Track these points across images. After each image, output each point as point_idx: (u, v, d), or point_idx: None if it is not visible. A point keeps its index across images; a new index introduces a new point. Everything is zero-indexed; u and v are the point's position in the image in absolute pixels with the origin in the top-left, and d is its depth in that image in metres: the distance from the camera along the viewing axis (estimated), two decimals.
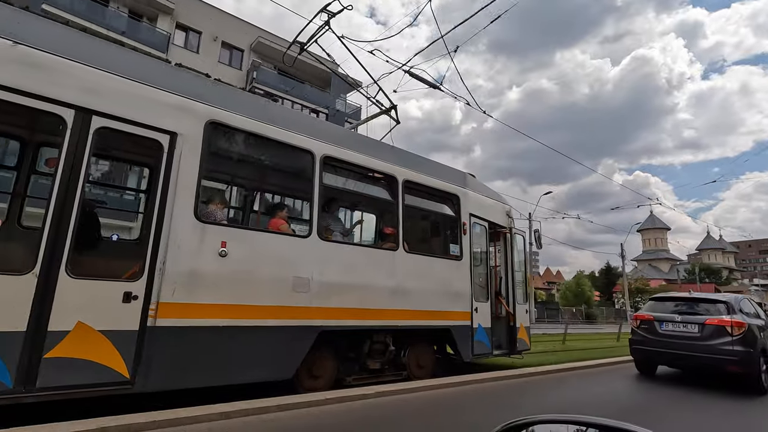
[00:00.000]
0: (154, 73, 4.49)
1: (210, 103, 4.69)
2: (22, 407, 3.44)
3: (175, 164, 4.31)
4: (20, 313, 3.37)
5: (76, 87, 3.83)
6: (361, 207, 6.66)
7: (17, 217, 4.61)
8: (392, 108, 8.08)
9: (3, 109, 3.59)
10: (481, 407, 5.30)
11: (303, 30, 7.41)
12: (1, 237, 4.26)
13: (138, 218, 4.59)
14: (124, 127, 4.07)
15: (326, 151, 5.59)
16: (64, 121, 3.76)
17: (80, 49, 4.04)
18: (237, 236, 4.68)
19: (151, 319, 3.94)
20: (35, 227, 3.62)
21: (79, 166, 3.78)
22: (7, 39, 3.60)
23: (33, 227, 3.66)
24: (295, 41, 7.57)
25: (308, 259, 5.18)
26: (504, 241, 8.64)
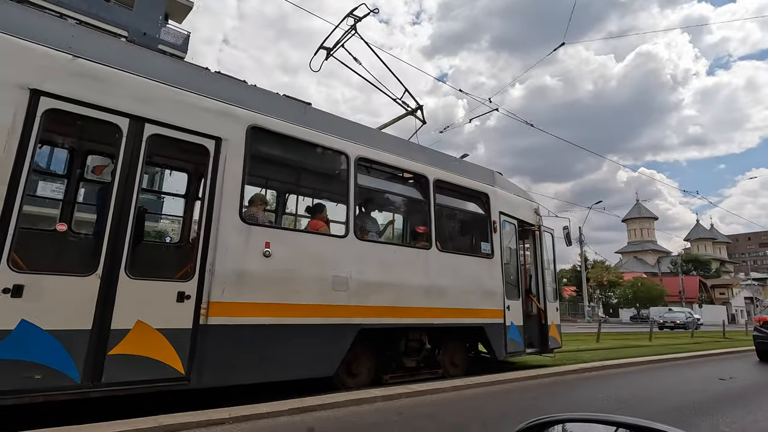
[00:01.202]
0: (198, 80, 4.65)
1: (251, 109, 4.84)
2: (88, 402, 3.62)
3: (221, 168, 4.46)
4: (86, 313, 3.55)
5: (129, 96, 4.02)
6: (394, 207, 6.75)
7: (80, 223, 4.84)
8: (418, 108, 8.15)
9: (66, 120, 3.79)
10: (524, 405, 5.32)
11: (330, 35, 7.56)
12: (66, 242, 4.49)
13: (188, 221, 4.78)
14: (173, 133, 4.25)
15: (360, 152, 5.69)
16: (120, 129, 3.95)
17: (131, 59, 4.23)
18: (279, 237, 4.81)
19: (203, 318, 4.09)
20: (97, 231, 3.80)
21: (135, 172, 3.96)
22: (67, 53, 3.80)
23: (95, 232, 3.84)
24: (322, 46, 7.72)
25: (346, 259, 5.28)
26: (533, 238, 8.60)
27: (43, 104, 3.59)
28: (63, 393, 3.40)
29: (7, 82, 3.45)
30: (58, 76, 3.70)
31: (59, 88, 3.68)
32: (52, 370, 3.36)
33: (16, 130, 3.45)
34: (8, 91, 3.45)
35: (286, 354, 4.61)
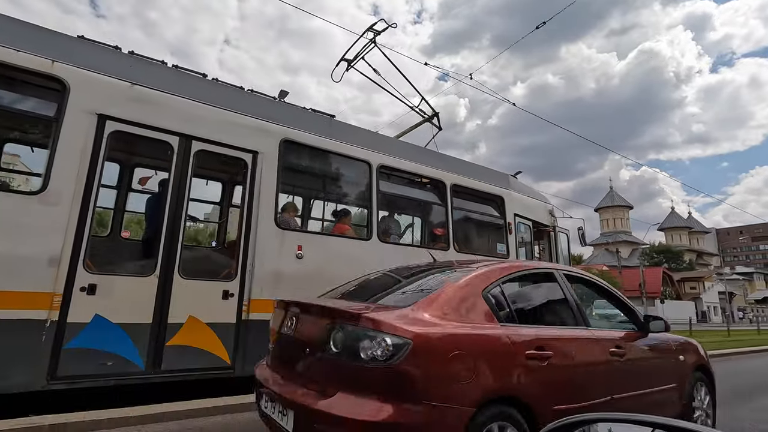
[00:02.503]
0: (236, 99, 5.15)
1: (282, 123, 5.32)
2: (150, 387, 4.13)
3: (257, 179, 4.95)
4: (147, 308, 4.07)
5: (178, 117, 4.54)
6: (414, 210, 7.14)
7: (139, 230, 5.42)
8: (434, 116, 8.54)
9: (126, 140, 4.33)
10: None
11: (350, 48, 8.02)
12: (129, 247, 5.04)
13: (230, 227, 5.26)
14: (216, 148, 4.75)
15: (381, 160, 6.11)
16: (171, 146, 4.47)
17: (178, 84, 4.75)
18: (310, 240, 5.28)
19: (244, 313, 4.57)
20: (154, 238, 4.32)
21: (184, 184, 4.48)
22: (127, 81, 4.34)
23: (153, 238, 4.36)
24: (343, 59, 8.19)
25: (370, 260, 5.69)
26: (548, 239, 8.87)
27: (108, 127, 4.13)
28: (130, 378, 3.91)
29: (80, 109, 4.00)
30: (120, 102, 4.24)
31: (121, 112, 4.21)
32: (121, 358, 3.88)
33: (87, 150, 3.99)
34: (81, 116, 3.99)
35: None
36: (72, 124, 3.94)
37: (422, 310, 2.44)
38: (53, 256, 3.67)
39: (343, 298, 3.20)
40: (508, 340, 2.57)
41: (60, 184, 3.80)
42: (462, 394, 2.26)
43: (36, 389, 3.52)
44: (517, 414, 2.42)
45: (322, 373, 2.42)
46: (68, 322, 3.68)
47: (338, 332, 2.37)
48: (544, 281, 3.39)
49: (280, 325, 2.98)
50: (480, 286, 2.76)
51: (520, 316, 2.90)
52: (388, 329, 2.21)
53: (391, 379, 2.16)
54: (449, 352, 2.30)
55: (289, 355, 2.79)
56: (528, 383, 2.53)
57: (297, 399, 2.39)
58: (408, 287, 3.11)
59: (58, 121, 3.90)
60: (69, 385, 3.66)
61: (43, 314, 3.58)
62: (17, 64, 3.81)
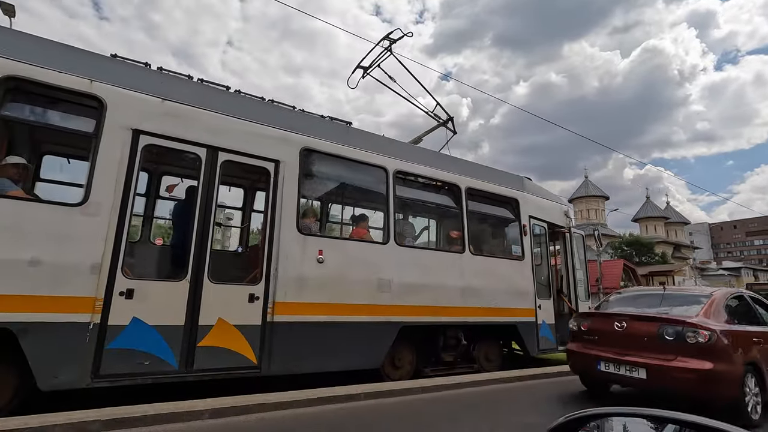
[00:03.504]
0: (259, 111, 5.39)
1: (302, 133, 5.54)
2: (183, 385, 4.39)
3: (280, 186, 5.18)
4: (179, 311, 4.32)
5: (206, 130, 4.79)
6: (429, 214, 7.30)
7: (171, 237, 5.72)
8: (449, 120, 8.68)
9: (159, 152, 4.60)
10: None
11: (366, 55, 8.22)
12: (162, 253, 5.34)
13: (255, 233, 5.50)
14: (240, 159, 5.00)
15: (397, 166, 6.29)
16: (200, 157, 4.73)
17: (205, 98, 5.01)
18: (330, 245, 5.49)
19: (269, 316, 4.80)
20: (185, 244, 4.58)
21: (212, 193, 4.73)
22: (158, 97, 4.61)
23: (184, 244, 4.62)
24: (359, 66, 8.39)
25: (388, 263, 5.89)
26: (563, 240, 8.93)
27: (142, 141, 4.41)
28: (166, 376, 4.17)
29: (116, 125, 4.28)
30: (152, 117, 4.51)
31: (153, 126, 4.48)
32: (157, 358, 4.14)
33: (123, 163, 4.26)
34: (117, 132, 4.27)
35: (339, 347, 5.26)
36: (109, 139, 4.22)
37: (703, 316, 4.70)
38: (95, 263, 3.95)
39: (631, 307, 5.47)
40: (745, 332, 4.90)
41: (99, 196, 4.08)
42: (738, 358, 4.50)
43: (82, 386, 3.79)
44: (753, 370, 4.66)
45: (663, 349, 4.58)
46: (109, 324, 3.96)
47: (667, 329, 4.61)
48: (739, 299, 5.47)
49: (591, 324, 5.49)
50: (722, 301, 5.05)
51: (738, 319, 5.08)
52: (703, 327, 4.46)
53: (708, 350, 4.38)
54: (730, 338, 4.54)
55: (624, 341, 4.92)
56: (756, 354, 4.78)
57: (648, 361, 4.62)
58: (676, 303, 5.18)
59: (97, 137, 4.18)
60: (111, 383, 3.93)
61: (87, 317, 3.86)
62: (60, 85, 4.10)
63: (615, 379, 5.01)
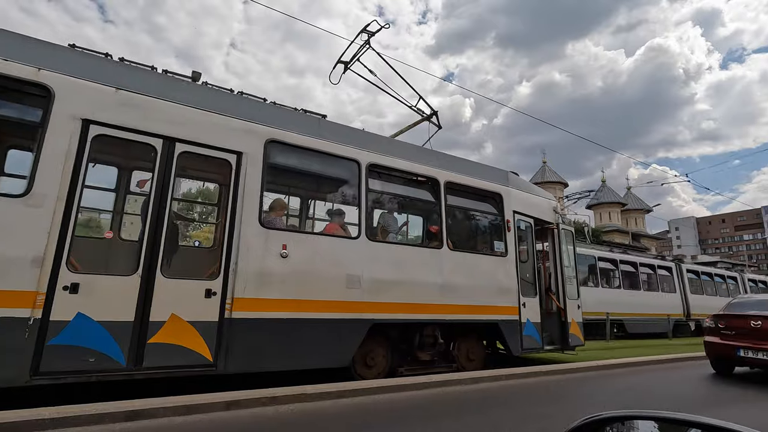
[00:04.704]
0: (222, 102, 5.24)
1: (269, 124, 5.38)
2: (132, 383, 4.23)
3: (242, 179, 5.02)
4: (129, 307, 4.17)
5: (163, 120, 4.65)
6: (406, 209, 7.10)
7: (123, 230, 5.60)
8: (433, 114, 8.47)
9: (111, 143, 4.46)
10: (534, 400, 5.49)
11: (346, 50, 8.05)
12: (112, 247, 5.21)
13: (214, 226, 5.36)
14: (200, 150, 4.85)
15: (371, 159, 6.10)
16: (155, 148, 4.58)
17: (165, 88, 4.87)
18: (295, 239, 5.31)
19: (227, 312, 4.63)
20: (137, 238, 4.44)
21: (168, 185, 4.58)
22: (112, 86, 4.47)
23: (135, 238, 4.48)
24: (339, 61, 8.23)
25: (359, 258, 5.70)
26: (552, 236, 8.66)
27: (92, 131, 4.27)
28: (112, 374, 4.02)
29: (64, 114, 4.14)
30: (104, 107, 4.37)
31: (105, 116, 4.35)
32: (103, 355, 3.98)
33: (71, 154, 4.12)
34: (65, 121, 4.14)
35: (303, 345, 5.08)
36: (56, 129, 4.09)
37: None
38: (36, 256, 3.81)
39: (754, 310, 7.19)
40: None
41: (44, 187, 3.94)
42: None
43: (20, 384, 3.65)
44: None
45: None
46: (51, 320, 3.81)
47: None
48: None
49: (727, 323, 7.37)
50: None
51: None
52: None
53: None
54: None
55: (760, 334, 6.71)
56: None
57: None
58: None
59: (43, 126, 4.05)
60: (52, 380, 3.78)
61: (27, 312, 3.72)
62: (5, 73, 3.98)
63: (752, 363, 6.87)
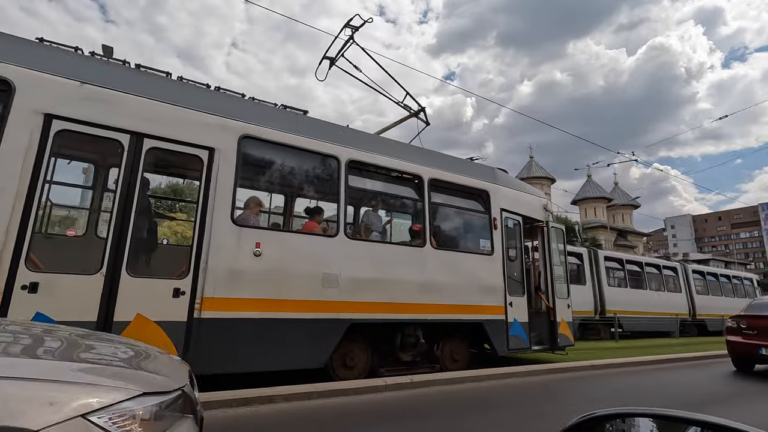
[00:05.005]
0: (195, 97, 5.12)
1: (243, 120, 5.25)
2: None
3: (214, 175, 4.89)
4: (92, 306, 4.06)
5: (130, 115, 4.53)
6: (389, 206, 6.97)
7: (86, 227, 5.49)
8: (421, 110, 8.33)
9: (75, 138, 4.35)
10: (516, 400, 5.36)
11: (331, 45, 7.92)
12: (74, 245, 5.10)
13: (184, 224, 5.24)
14: (169, 146, 4.73)
15: (351, 155, 5.97)
16: (122, 144, 4.47)
17: (134, 82, 4.75)
18: (270, 238, 5.19)
19: (197, 312, 4.52)
20: (101, 236, 4.33)
21: (135, 181, 4.46)
22: (77, 80, 4.36)
23: (99, 236, 4.37)
24: (325, 57, 8.10)
25: (337, 257, 5.57)
26: (541, 235, 8.52)
27: (55, 126, 4.16)
28: None
29: (25, 108, 4.03)
30: (69, 101, 4.25)
31: (69, 111, 4.23)
32: None
33: (32, 149, 4.01)
34: (26, 115, 4.02)
35: (277, 345, 4.96)
36: (16, 123, 3.97)
37: None
38: None
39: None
40: None
41: (2, 182, 3.83)
42: None
43: None
44: None
45: None
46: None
47: None
48: None
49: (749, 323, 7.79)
50: None
51: None
52: None
53: None
54: None
55: None
56: None
57: None
58: None
59: (2, 121, 3.94)
60: None
61: None
62: None
63: None
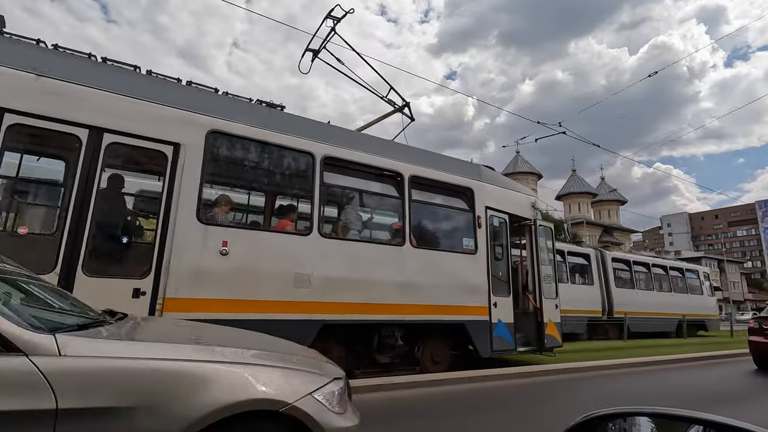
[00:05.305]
0: (161, 91, 4.96)
1: (212, 114, 5.09)
2: None
3: (179, 172, 4.73)
4: None
5: (89, 109, 4.37)
6: (365, 204, 6.80)
7: (40, 225, 5.35)
8: (405, 106, 8.14)
9: (29, 132, 4.20)
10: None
11: (313, 37, 7.73)
12: (28, 242, 4.97)
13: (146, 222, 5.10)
14: (131, 141, 4.57)
15: (327, 151, 5.80)
16: (80, 139, 4.31)
17: (95, 75, 4.59)
18: (238, 236, 5.02)
19: (158, 313, 4.37)
20: (57, 233, 4.18)
21: (93, 178, 4.31)
22: (32, 73, 4.20)
23: (55, 233, 4.23)
24: (308, 49, 7.91)
25: (310, 256, 5.41)
26: (529, 233, 8.32)
27: (7, 120, 4.00)
28: None
29: None
30: (23, 94, 4.10)
31: (22, 104, 4.08)
32: None
33: None
34: None
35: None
36: None
37: None
38: None
39: None
40: None
41: None
42: None
43: None
44: None
45: None
46: None
47: None
48: None
49: None
50: None
51: None
52: None
53: None
54: None
55: None
56: None
57: None
58: None
59: None
60: None
61: None
62: None
63: None
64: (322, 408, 2.01)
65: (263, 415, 1.90)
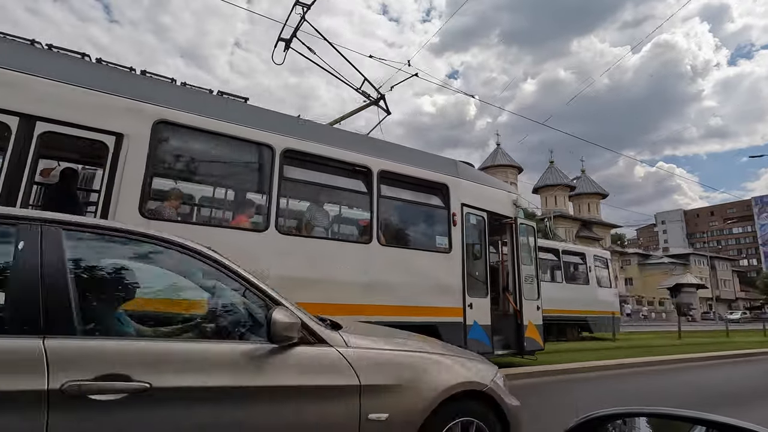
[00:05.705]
0: (104, 79, 4.69)
1: (159, 104, 4.81)
2: None
3: (121, 164, 4.46)
4: None
5: (20, 96, 4.10)
6: (328, 199, 6.52)
7: None
8: (381, 98, 7.86)
9: None
10: None
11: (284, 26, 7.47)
12: None
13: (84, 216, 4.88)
14: (67, 130, 4.29)
15: (288, 144, 5.51)
16: (9, 127, 4.04)
17: (30, 62, 4.32)
18: (185, 232, 4.69)
19: None
20: None
21: (23, 168, 4.04)
22: None
23: None
24: (280, 38, 7.65)
25: (265, 254, 5.13)
26: (510, 232, 8.02)
27: None
28: None
29: None
30: None
31: None
32: None
33: None
34: None
35: None
36: None
37: None
38: None
39: None
40: None
41: None
42: None
43: None
44: None
45: None
46: None
47: None
48: None
49: None
50: None
51: None
52: None
53: None
54: None
55: None
56: None
57: None
58: None
59: None
60: None
61: None
62: None
63: None
64: (502, 389, 2.55)
65: (469, 394, 2.42)
